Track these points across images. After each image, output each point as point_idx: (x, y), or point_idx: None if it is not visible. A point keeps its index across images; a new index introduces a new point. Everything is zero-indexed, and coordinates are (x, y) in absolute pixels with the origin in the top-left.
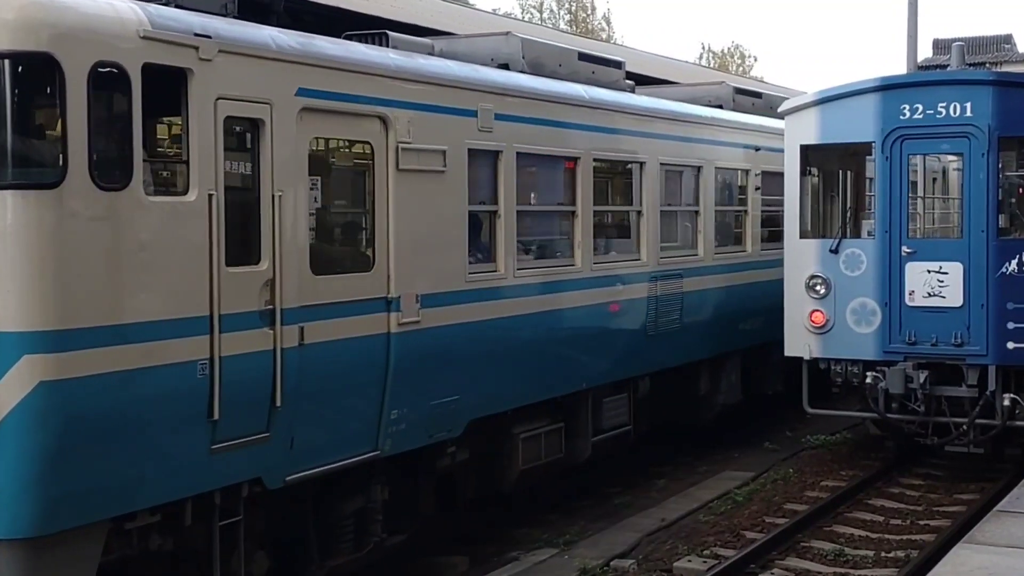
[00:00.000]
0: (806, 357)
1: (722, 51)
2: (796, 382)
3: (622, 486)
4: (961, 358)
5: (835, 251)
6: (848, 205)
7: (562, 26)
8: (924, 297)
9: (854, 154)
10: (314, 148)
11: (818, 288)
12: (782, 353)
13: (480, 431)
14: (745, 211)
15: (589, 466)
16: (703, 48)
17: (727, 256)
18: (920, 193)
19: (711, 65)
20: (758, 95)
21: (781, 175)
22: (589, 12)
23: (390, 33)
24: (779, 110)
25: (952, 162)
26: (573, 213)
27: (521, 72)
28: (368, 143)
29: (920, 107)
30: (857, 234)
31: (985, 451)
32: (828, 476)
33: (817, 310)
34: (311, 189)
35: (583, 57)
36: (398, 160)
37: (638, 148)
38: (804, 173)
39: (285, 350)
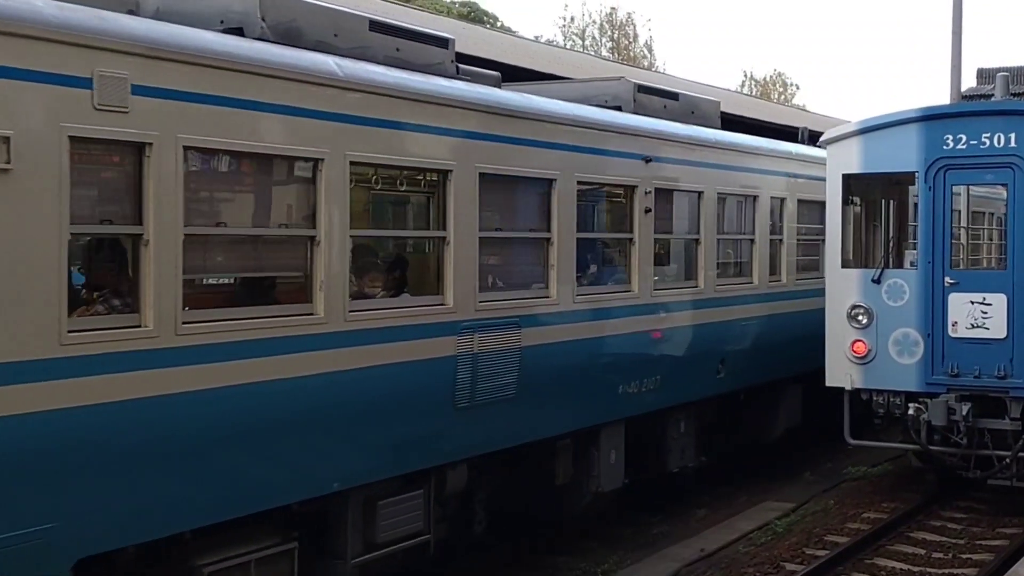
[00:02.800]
0: (848, 387)
1: (764, 79)
2: (722, 450)
3: (662, 515)
4: (1004, 391)
5: (877, 281)
6: (891, 235)
7: (604, 53)
8: (967, 328)
9: (897, 184)
10: None
11: (860, 318)
12: (695, 419)
13: (131, 567)
14: (630, 239)
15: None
16: (745, 76)
17: (600, 298)
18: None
19: (753, 93)
20: (672, 96)
21: (689, 194)
22: (631, 40)
23: None
24: (821, 140)
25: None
26: (312, 240)
27: (260, 40)
28: None
29: (964, 137)
30: (900, 264)
31: None
32: (869, 508)
33: (859, 340)
34: None
35: (378, 27)
36: None
37: (441, 152)
38: (846, 202)
39: None
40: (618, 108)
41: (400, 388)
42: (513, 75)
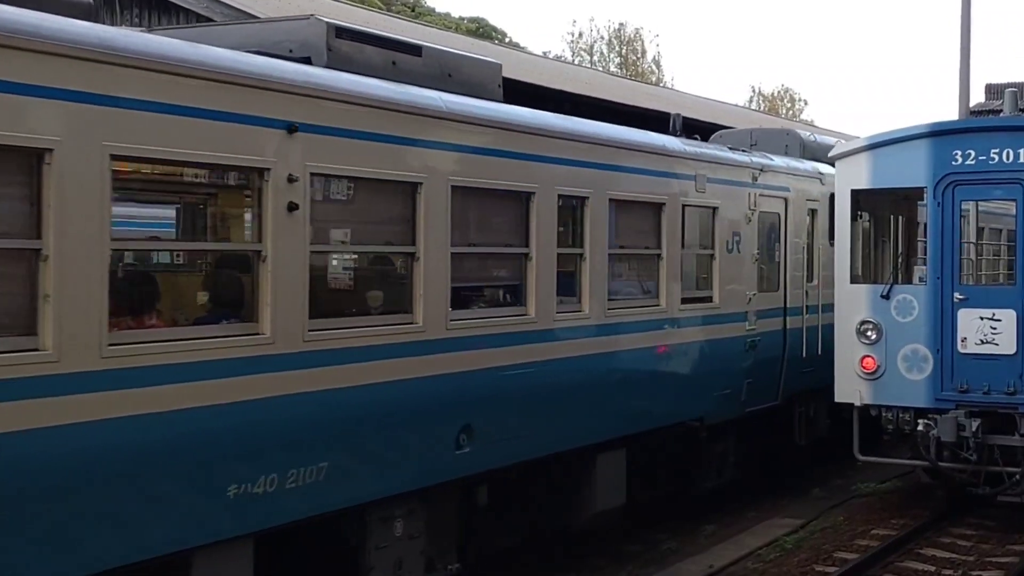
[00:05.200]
0: (857, 403)
1: (772, 94)
2: (497, 548)
3: (670, 532)
4: (1014, 406)
5: (886, 296)
6: (899, 250)
7: (612, 68)
8: (976, 344)
9: (905, 199)
10: None
11: (869, 334)
12: (426, 514)
13: None
14: (259, 252)
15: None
16: (753, 91)
17: (182, 348)
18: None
19: (761, 108)
20: (408, 49)
21: (395, 186)
22: (639, 55)
23: None
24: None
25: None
26: None
27: None
28: None
29: (972, 153)
30: (909, 280)
31: None
32: (878, 524)
33: (868, 356)
34: None
35: None
36: None
37: None
38: (855, 218)
39: None
40: (307, 60)
41: None
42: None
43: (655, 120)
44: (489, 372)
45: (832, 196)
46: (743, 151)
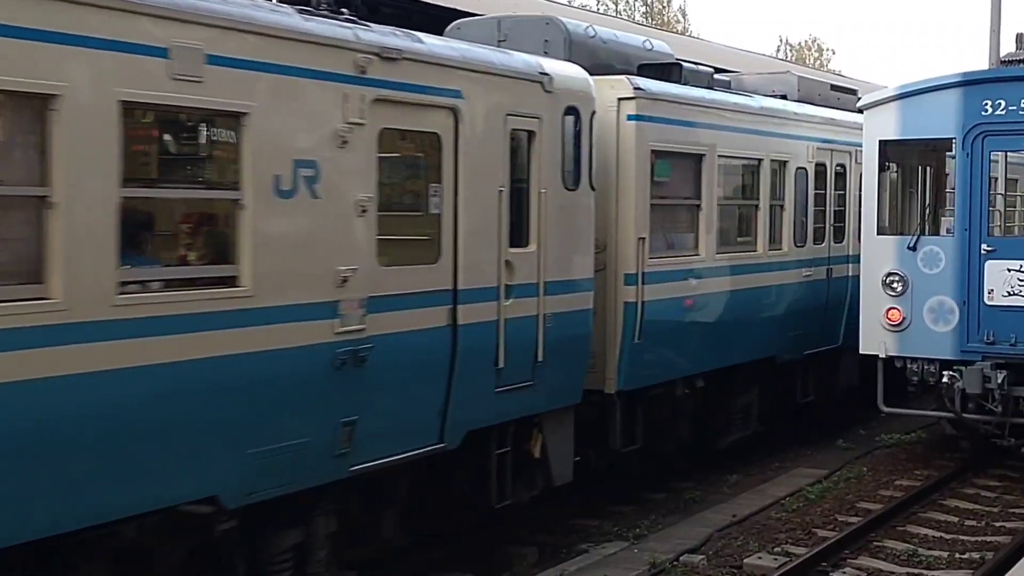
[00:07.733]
0: (882, 355)
1: (800, 44)
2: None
3: (694, 481)
4: None
5: (913, 248)
6: (927, 202)
7: (637, 18)
8: (1004, 296)
9: (934, 150)
10: None
11: (895, 285)
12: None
13: None
14: None
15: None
16: (780, 41)
17: None
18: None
19: (788, 58)
20: None
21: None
22: (665, 4)
23: None
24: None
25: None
26: None
27: None
28: None
29: (1003, 103)
30: (936, 231)
31: None
32: (902, 475)
33: (894, 307)
34: None
35: None
36: None
37: None
38: (883, 168)
39: None
40: None
41: None
42: None
43: None
44: None
45: (568, 110)
46: (335, 18)
